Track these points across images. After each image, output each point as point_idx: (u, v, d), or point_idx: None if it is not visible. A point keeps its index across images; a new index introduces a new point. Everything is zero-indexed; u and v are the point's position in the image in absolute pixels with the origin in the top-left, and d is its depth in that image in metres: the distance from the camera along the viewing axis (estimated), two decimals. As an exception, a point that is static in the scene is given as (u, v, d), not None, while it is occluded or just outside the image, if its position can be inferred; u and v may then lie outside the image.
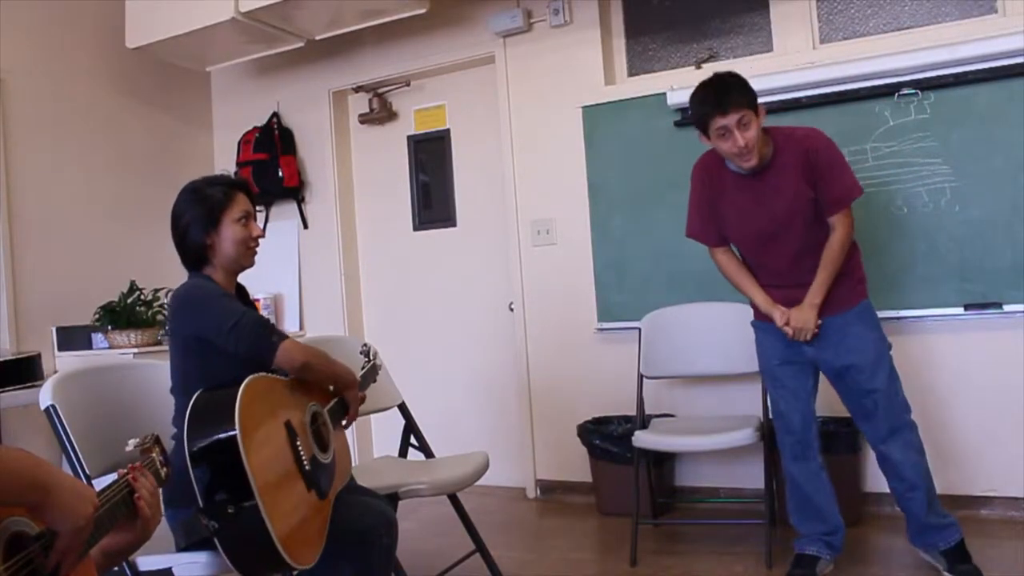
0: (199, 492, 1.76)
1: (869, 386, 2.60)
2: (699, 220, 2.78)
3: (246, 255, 2.14)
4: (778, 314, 2.64)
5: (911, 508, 2.63)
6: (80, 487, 1.08)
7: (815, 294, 2.59)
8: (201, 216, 2.10)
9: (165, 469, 1.43)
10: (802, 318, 2.59)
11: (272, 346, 1.98)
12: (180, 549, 1.89)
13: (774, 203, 2.58)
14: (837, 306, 2.62)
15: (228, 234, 2.10)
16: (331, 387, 2.18)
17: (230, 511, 1.72)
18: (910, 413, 2.64)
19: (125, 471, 1.27)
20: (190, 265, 2.17)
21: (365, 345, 2.63)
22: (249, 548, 1.76)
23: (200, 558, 1.87)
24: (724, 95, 2.47)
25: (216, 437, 1.77)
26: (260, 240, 2.17)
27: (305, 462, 1.93)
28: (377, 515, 2.10)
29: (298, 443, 1.93)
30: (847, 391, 2.67)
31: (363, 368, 2.49)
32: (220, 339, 1.97)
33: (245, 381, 1.85)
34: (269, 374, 1.98)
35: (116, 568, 1.82)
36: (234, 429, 1.75)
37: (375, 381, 2.58)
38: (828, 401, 2.84)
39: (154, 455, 1.41)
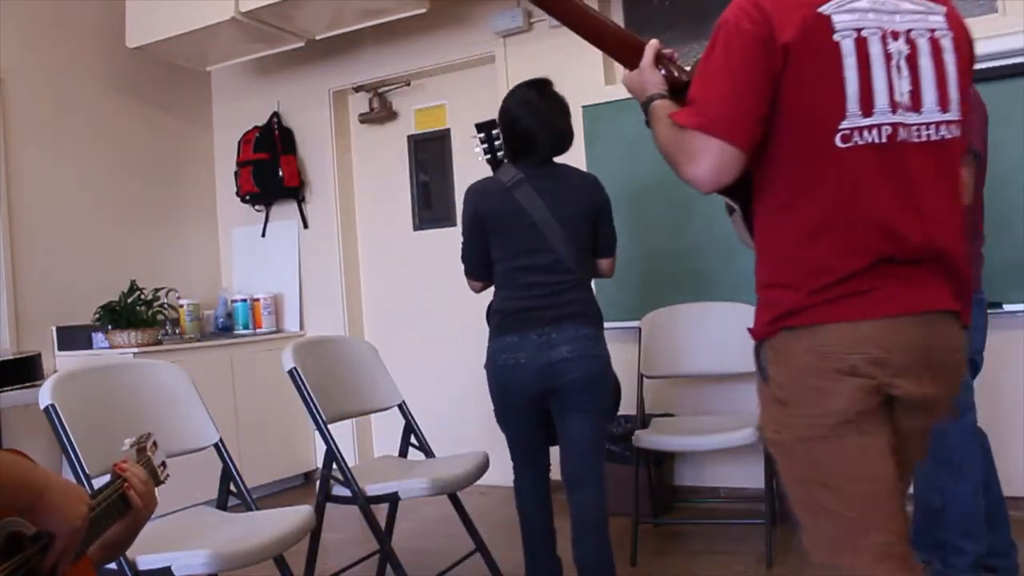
0: None
1: None
2: None
3: None
4: None
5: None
6: (72, 488, 1.08)
7: None
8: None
9: (163, 469, 1.43)
10: None
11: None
12: None
13: None
14: None
15: None
16: None
17: None
18: (957, 455, 2.39)
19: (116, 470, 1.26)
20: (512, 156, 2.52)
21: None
22: None
23: (199, 557, 1.87)
24: None
25: None
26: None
27: None
28: None
29: None
30: None
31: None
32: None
33: None
34: None
35: (115, 567, 1.82)
36: None
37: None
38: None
39: (150, 454, 1.40)
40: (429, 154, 4.59)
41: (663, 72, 1.59)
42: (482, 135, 2.68)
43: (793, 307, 1.40)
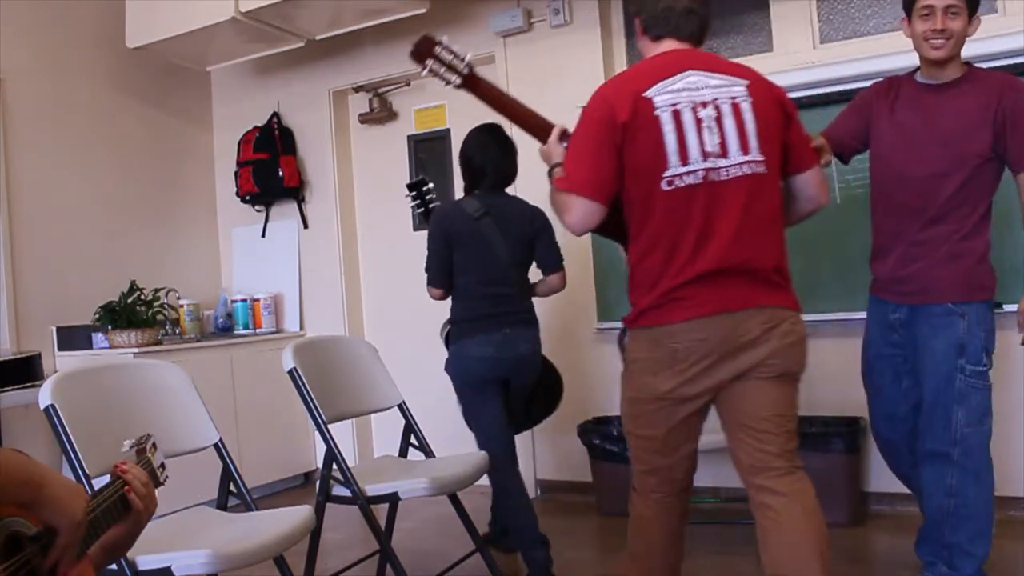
0: None
1: (926, 396, 2.43)
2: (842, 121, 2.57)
3: None
4: None
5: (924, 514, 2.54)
6: (71, 483, 1.08)
7: None
8: None
9: (163, 471, 1.42)
10: None
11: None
12: None
13: (945, 123, 2.33)
14: (928, 294, 2.39)
15: None
16: None
17: None
18: (971, 457, 2.43)
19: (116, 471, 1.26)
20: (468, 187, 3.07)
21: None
22: None
23: (199, 557, 1.87)
24: None
25: None
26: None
27: None
28: None
29: None
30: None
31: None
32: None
33: None
34: None
35: (115, 567, 1.82)
36: None
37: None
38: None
39: (150, 455, 1.40)
40: (429, 154, 4.59)
41: (564, 146, 2.05)
42: (413, 192, 3.20)
43: (640, 311, 1.91)
